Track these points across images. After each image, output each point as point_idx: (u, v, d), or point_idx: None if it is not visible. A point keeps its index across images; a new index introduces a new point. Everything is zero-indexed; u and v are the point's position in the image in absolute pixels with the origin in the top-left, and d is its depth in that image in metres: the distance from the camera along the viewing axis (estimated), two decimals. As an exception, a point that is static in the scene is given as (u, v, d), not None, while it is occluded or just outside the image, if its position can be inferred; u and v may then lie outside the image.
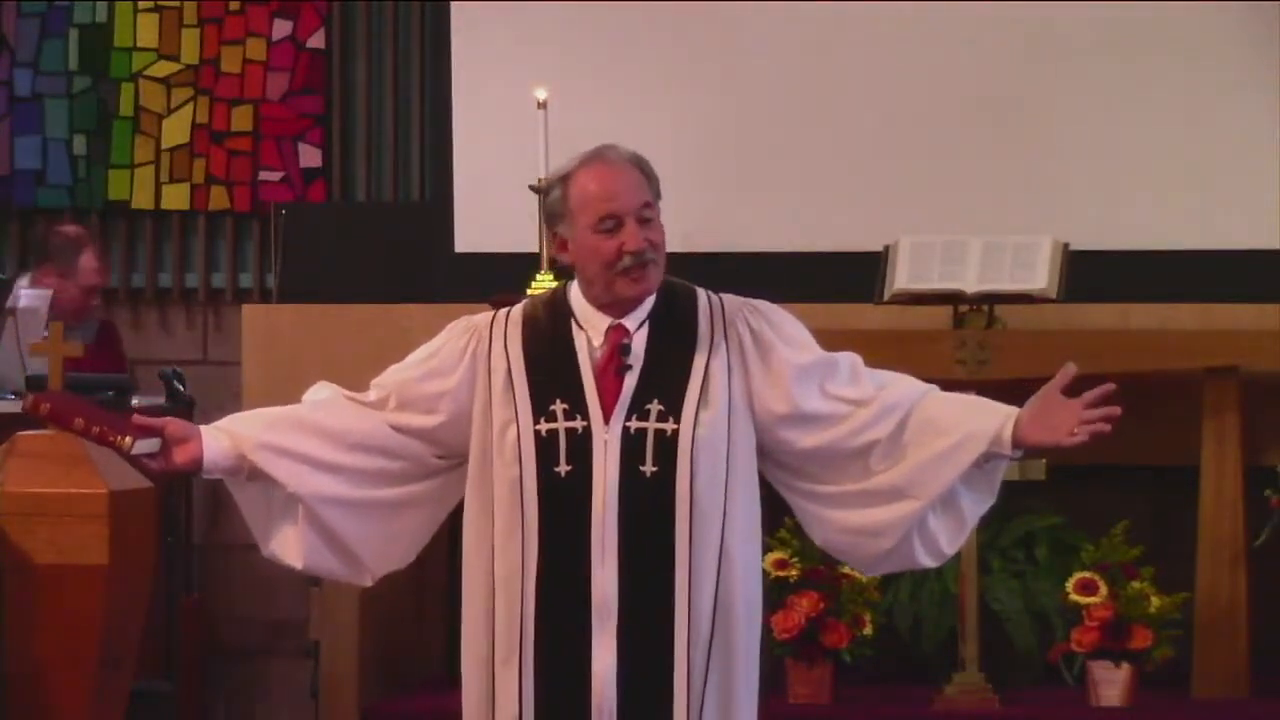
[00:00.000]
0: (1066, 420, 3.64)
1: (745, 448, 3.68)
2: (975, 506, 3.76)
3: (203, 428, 3.72)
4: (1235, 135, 7.04)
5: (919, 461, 3.70)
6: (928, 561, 3.78)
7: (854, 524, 3.74)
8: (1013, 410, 3.67)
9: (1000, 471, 3.74)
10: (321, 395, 3.83)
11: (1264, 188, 6.96)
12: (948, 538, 3.76)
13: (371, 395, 3.80)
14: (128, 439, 3.69)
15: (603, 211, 3.63)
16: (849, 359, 3.76)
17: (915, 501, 3.69)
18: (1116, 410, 3.64)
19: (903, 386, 3.77)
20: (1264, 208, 6.97)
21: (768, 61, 7.19)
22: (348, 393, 3.82)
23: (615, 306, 3.69)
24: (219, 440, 3.72)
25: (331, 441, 3.77)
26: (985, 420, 3.69)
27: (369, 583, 3.86)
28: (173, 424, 3.72)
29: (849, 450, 3.72)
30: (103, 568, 5.05)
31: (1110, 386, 3.65)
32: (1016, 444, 3.66)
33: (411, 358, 3.80)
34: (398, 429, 3.77)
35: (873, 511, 3.73)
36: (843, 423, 3.71)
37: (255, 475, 3.73)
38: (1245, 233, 6.94)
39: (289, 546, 3.80)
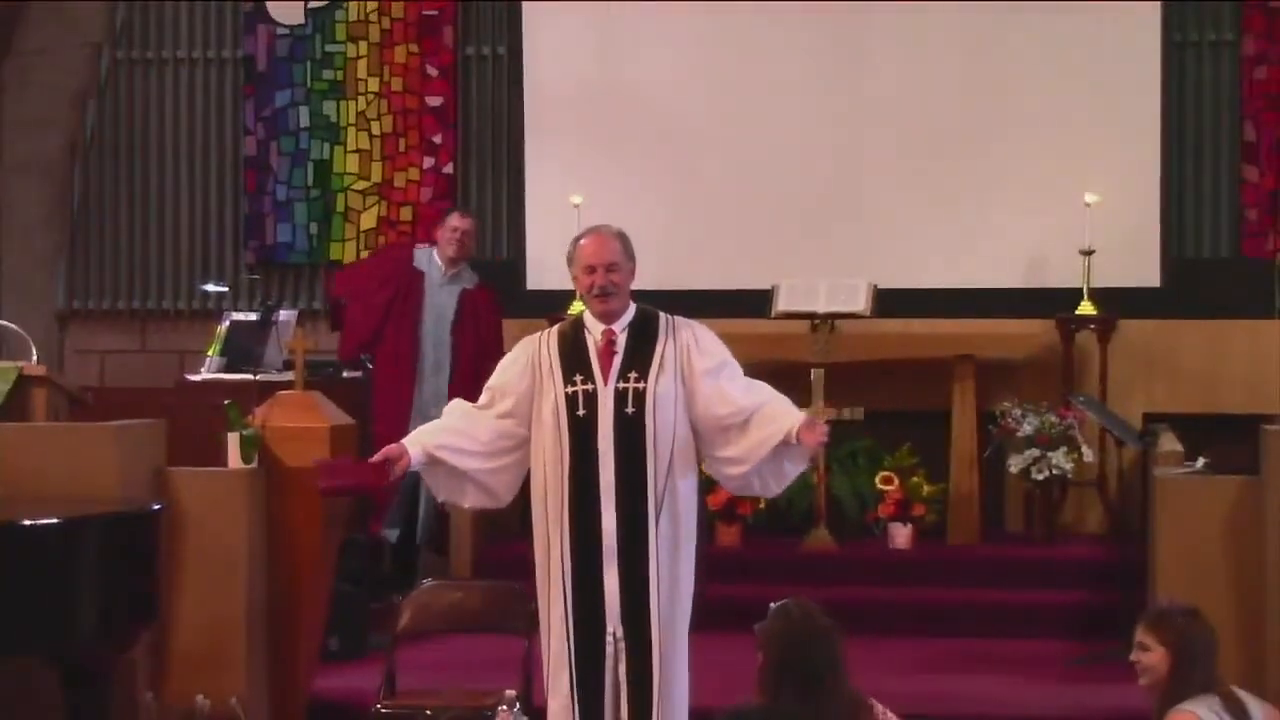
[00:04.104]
0: (817, 434, 4.38)
1: (685, 402, 4.44)
2: (793, 466, 4.47)
3: (404, 442, 4.46)
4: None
5: (750, 442, 4.38)
6: (766, 494, 4.58)
7: (722, 474, 4.54)
8: (801, 416, 4.40)
9: (805, 454, 4.43)
10: (459, 410, 4.53)
11: (1001, 240, 8.08)
12: (776, 483, 4.49)
13: (485, 398, 4.52)
14: (387, 475, 4.37)
15: (585, 263, 4.47)
16: (737, 367, 4.50)
17: (747, 465, 4.43)
18: (826, 433, 4.37)
19: (761, 395, 4.44)
20: (1000, 255, 8.20)
21: (705, 159, 8.42)
22: (471, 405, 4.53)
23: (604, 317, 4.42)
24: (415, 451, 4.45)
25: (473, 438, 4.47)
26: (786, 421, 4.38)
27: (503, 505, 4.61)
28: (391, 450, 4.43)
29: (721, 425, 4.41)
30: (326, 459, 5.38)
31: (827, 425, 4.38)
32: (799, 439, 4.37)
33: (502, 363, 4.58)
34: (501, 416, 4.47)
35: (729, 469, 4.48)
36: (722, 405, 4.40)
37: (435, 463, 4.47)
38: (989, 272, 8.31)
39: (456, 496, 4.56)
